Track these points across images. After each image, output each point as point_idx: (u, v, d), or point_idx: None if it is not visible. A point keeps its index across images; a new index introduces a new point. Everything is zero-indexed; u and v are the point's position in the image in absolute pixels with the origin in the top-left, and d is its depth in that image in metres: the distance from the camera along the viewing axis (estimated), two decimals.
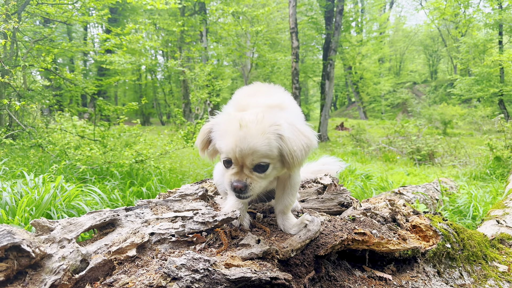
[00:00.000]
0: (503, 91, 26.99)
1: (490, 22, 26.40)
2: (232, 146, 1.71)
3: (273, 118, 1.76)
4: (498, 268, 2.79)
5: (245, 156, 1.71)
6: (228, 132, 1.74)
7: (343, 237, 2.06)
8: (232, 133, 1.71)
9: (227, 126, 1.76)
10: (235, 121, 1.73)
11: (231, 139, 1.71)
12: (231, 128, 1.73)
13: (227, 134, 1.74)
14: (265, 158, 1.74)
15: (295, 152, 1.74)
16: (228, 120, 1.79)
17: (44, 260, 1.52)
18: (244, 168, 1.78)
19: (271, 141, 1.71)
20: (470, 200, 6.00)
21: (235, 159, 1.75)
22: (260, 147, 1.69)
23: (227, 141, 1.73)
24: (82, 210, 3.88)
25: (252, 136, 1.68)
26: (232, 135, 1.71)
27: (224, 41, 28.05)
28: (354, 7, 39.64)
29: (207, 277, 1.44)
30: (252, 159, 1.72)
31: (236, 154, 1.71)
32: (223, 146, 1.76)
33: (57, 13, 8.20)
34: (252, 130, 1.69)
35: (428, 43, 52.66)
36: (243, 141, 1.68)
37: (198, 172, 8.30)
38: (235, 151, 1.71)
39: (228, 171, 1.82)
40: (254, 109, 1.84)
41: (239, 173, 1.78)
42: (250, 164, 1.75)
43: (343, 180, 7.73)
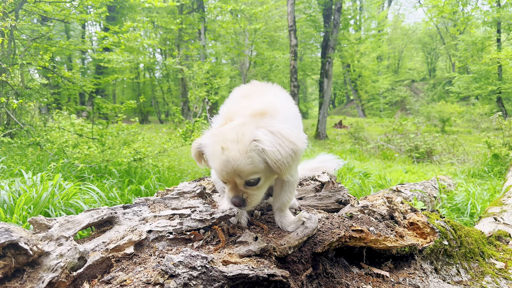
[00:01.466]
0: (501, 88, 27.03)
1: (488, 20, 26.40)
2: (218, 170, 1.74)
3: (252, 133, 1.73)
4: (495, 265, 2.80)
5: (233, 177, 1.75)
6: (214, 155, 1.76)
7: (341, 234, 2.07)
8: (217, 157, 1.74)
9: (212, 148, 1.78)
10: (218, 143, 1.74)
11: (217, 163, 1.73)
12: (215, 150, 1.75)
13: (214, 157, 1.77)
14: (253, 174, 1.76)
15: (281, 161, 1.73)
16: (213, 141, 1.79)
17: (41, 258, 1.52)
18: (236, 185, 1.81)
19: (254, 159, 1.71)
20: (468, 197, 6.02)
21: (226, 180, 1.80)
22: (244, 167, 1.70)
23: (214, 164, 1.77)
24: (80, 208, 3.87)
25: (235, 159, 1.69)
26: (217, 159, 1.73)
27: (223, 39, 27.98)
28: (353, 5, 39.65)
29: (205, 274, 1.44)
30: (240, 178, 1.75)
31: (224, 177, 1.76)
32: (215, 167, 1.78)
33: (55, 11, 8.17)
34: (234, 152, 1.69)
35: (426, 41, 52.66)
36: (227, 165, 1.70)
37: (197, 170, 8.30)
38: (222, 174, 1.75)
39: (226, 187, 1.87)
40: (238, 120, 1.84)
41: (235, 188, 1.82)
42: (239, 183, 1.78)
43: (342, 177, 7.74)
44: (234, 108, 1.98)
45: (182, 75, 20.39)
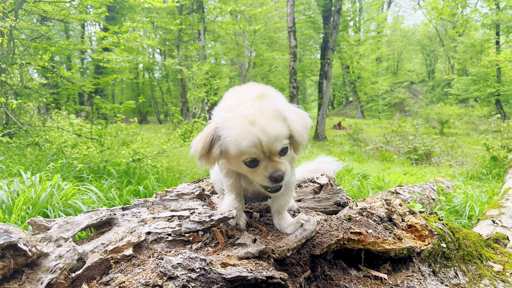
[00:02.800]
0: (500, 91, 27.09)
1: (488, 22, 26.45)
2: (255, 142, 1.71)
3: (270, 104, 1.81)
4: (493, 267, 2.80)
5: (271, 145, 1.73)
6: (241, 133, 1.73)
7: (339, 236, 2.07)
8: (246, 133, 1.72)
9: (238, 126, 1.75)
10: (241, 120, 1.74)
11: (248, 139, 1.71)
12: (242, 127, 1.73)
13: (241, 135, 1.73)
14: (285, 139, 1.80)
15: (300, 132, 1.83)
16: (235, 121, 1.78)
17: (40, 259, 1.53)
18: (271, 157, 1.79)
19: (282, 123, 1.78)
20: (466, 199, 6.03)
21: (262, 153, 1.75)
22: (277, 132, 1.75)
23: (246, 141, 1.72)
24: (79, 209, 3.87)
25: (268, 126, 1.72)
26: (248, 135, 1.71)
27: (222, 39, 27.99)
28: (352, 7, 39.71)
29: (203, 276, 1.44)
30: (277, 145, 1.76)
31: (264, 148, 1.73)
32: (244, 147, 1.73)
33: (54, 11, 8.17)
34: (264, 121, 1.73)
35: (425, 43, 52.77)
36: (263, 133, 1.71)
37: (196, 171, 8.30)
38: (260, 146, 1.72)
39: (257, 170, 1.82)
40: (243, 105, 1.85)
41: (271, 163, 1.80)
42: (276, 150, 1.77)
43: (340, 179, 7.75)
44: (231, 101, 1.99)
45: (181, 76, 20.40)
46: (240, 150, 1.75)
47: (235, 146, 1.75)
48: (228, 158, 1.86)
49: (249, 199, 2.58)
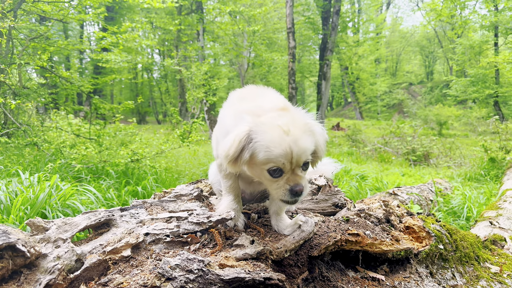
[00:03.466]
0: (498, 92, 27.14)
1: (486, 24, 26.50)
2: (287, 152, 1.73)
3: (301, 117, 1.88)
4: (490, 269, 2.81)
5: (299, 157, 1.76)
6: (275, 140, 1.73)
7: (337, 238, 2.08)
8: (279, 142, 1.72)
9: (272, 133, 1.75)
10: (275, 128, 1.75)
11: (283, 146, 1.72)
12: (275, 135, 1.74)
13: (274, 144, 1.73)
14: (310, 154, 1.84)
15: (323, 147, 1.92)
16: (266, 129, 1.77)
17: (39, 260, 1.53)
18: (295, 170, 1.82)
19: (310, 138, 1.82)
20: (464, 201, 6.04)
21: (289, 164, 1.77)
22: (308, 145, 1.79)
23: (278, 149, 1.73)
24: (77, 210, 3.87)
25: (300, 138, 1.75)
26: (282, 142, 1.72)
27: (221, 40, 27.97)
28: (351, 8, 39.78)
29: (201, 277, 1.45)
30: (303, 158, 1.79)
31: (293, 159, 1.75)
32: (274, 156, 1.74)
33: (53, 11, 8.17)
34: (297, 133, 1.75)
35: (424, 44, 52.84)
36: (296, 144, 1.73)
37: (194, 172, 8.30)
38: (290, 156, 1.74)
39: (279, 181, 1.82)
40: (271, 113, 1.86)
41: (293, 177, 1.82)
42: (302, 163, 1.81)
43: (339, 180, 7.76)
44: (253, 105, 1.98)
45: (180, 76, 20.40)
46: (269, 157, 1.75)
47: (266, 152, 1.75)
48: (252, 163, 1.84)
49: (246, 200, 2.59)
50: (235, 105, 2.11)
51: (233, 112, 2.04)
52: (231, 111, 2.09)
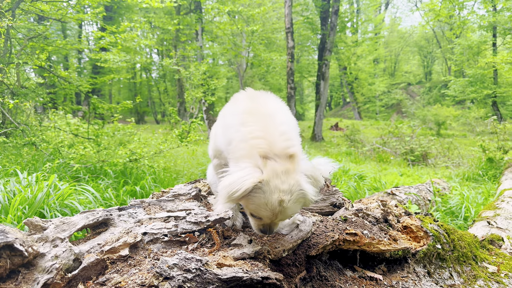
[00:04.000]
0: (497, 92, 27.20)
1: (484, 24, 26.56)
2: (270, 216, 1.80)
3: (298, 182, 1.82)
4: (487, 268, 2.82)
5: (280, 219, 1.87)
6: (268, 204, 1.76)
7: (335, 237, 2.08)
8: (270, 207, 1.76)
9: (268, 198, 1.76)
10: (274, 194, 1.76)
11: (270, 211, 1.77)
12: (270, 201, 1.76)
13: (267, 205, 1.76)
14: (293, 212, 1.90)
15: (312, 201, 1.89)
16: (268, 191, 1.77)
17: (37, 259, 1.53)
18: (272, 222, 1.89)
19: (299, 205, 1.85)
20: (462, 201, 6.05)
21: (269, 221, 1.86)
22: (293, 212, 1.84)
23: (265, 212, 1.78)
24: (75, 209, 3.87)
25: (289, 208, 1.79)
26: (270, 208, 1.76)
27: (220, 40, 27.98)
28: (350, 8, 39.80)
29: (199, 277, 1.45)
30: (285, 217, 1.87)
31: (267, 219, 1.84)
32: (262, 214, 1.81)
33: (52, 10, 8.16)
34: (288, 203, 1.77)
35: (423, 44, 52.91)
36: (282, 214, 1.79)
37: (192, 172, 8.31)
38: (274, 218, 1.81)
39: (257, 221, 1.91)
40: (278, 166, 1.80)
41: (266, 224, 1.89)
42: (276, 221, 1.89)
43: (337, 180, 7.77)
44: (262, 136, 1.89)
45: (179, 76, 20.39)
46: (257, 211, 1.81)
47: (257, 207, 1.79)
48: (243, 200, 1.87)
49: None
50: (241, 119, 2.00)
51: (242, 134, 1.95)
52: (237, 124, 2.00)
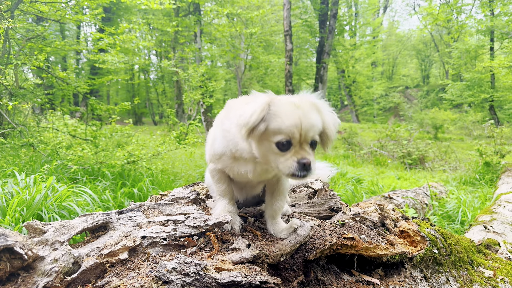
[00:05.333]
0: (494, 97, 27.31)
1: (482, 28, 26.67)
2: (296, 123, 1.77)
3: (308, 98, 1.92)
4: (484, 273, 2.84)
5: (307, 131, 1.80)
6: (287, 112, 1.80)
7: (332, 241, 2.10)
8: (291, 113, 1.79)
9: (284, 107, 1.82)
10: (287, 102, 1.83)
11: (294, 117, 1.78)
12: (288, 108, 1.81)
13: (286, 115, 1.79)
14: (317, 133, 1.88)
15: (331, 127, 1.93)
16: (280, 102, 1.85)
17: (36, 262, 1.54)
18: (302, 145, 1.83)
19: (318, 116, 1.87)
20: (459, 205, 6.08)
21: (298, 136, 1.79)
22: (315, 120, 1.84)
23: (289, 120, 1.78)
24: (73, 211, 3.87)
25: (310, 113, 1.81)
26: (292, 115, 1.78)
27: (218, 42, 27.99)
28: (348, 11, 39.89)
29: (198, 281, 1.46)
30: (311, 134, 1.82)
31: (302, 131, 1.78)
32: (285, 126, 1.78)
33: (51, 11, 8.15)
34: (306, 107, 1.82)
35: (420, 48, 53.04)
36: (305, 117, 1.78)
37: (190, 174, 8.31)
38: (299, 128, 1.77)
39: (286, 155, 1.82)
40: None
41: (300, 151, 1.82)
42: (309, 138, 1.83)
43: (334, 183, 7.78)
44: None
45: (177, 78, 20.36)
46: (280, 127, 1.78)
47: (278, 122, 1.79)
48: (263, 137, 1.85)
49: (240, 205, 2.60)
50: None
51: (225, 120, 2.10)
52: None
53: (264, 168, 2.02)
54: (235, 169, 2.08)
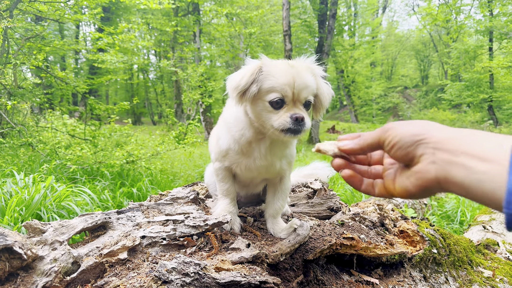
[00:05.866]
0: (493, 97, 27.35)
1: (481, 28, 26.72)
2: (289, 81, 1.79)
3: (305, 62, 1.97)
4: (483, 273, 2.84)
5: (300, 90, 1.82)
6: (280, 71, 1.83)
7: (332, 241, 2.09)
8: (284, 72, 1.82)
9: (278, 66, 1.86)
10: (282, 63, 1.87)
11: (287, 76, 1.80)
12: (281, 68, 1.84)
13: (279, 73, 1.82)
14: (311, 94, 1.89)
15: (324, 92, 1.97)
16: (275, 62, 1.90)
17: (35, 262, 1.53)
18: (296, 104, 1.85)
19: (312, 77, 1.89)
20: (458, 205, 6.08)
21: (291, 95, 1.81)
22: (309, 80, 1.86)
23: (282, 78, 1.80)
24: (72, 211, 3.87)
25: (303, 73, 1.84)
26: (286, 73, 1.81)
27: (218, 42, 27.99)
28: (347, 11, 39.92)
29: (197, 281, 1.46)
30: (305, 93, 1.84)
31: (295, 89, 1.80)
32: (278, 83, 1.80)
33: (49, 11, 8.15)
34: (300, 67, 1.86)
35: (419, 48, 53.11)
36: (299, 76, 1.81)
37: (189, 174, 8.30)
38: (292, 86, 1.80)
39: (279, 112, 1.83)
40: None
41: (293, 108, 1.84)
42: (303, 98, 1.85)
43: (334, 183, 7.78)
44: None
45: (176, 77, 20.38)
46: (274, 85, 1.81)
47: (271, 81, 1.82)
48: (257, 98, 1.87)
49: (242, 203, 2.60)
50: None
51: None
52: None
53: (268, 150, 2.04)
54: (243, 164, 2.09)
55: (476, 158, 0.80)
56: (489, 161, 0.78)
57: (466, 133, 0.88)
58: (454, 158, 0.85)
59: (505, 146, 0.77)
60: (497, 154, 0.77)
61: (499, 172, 0.75)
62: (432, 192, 0.96)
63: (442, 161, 0.88)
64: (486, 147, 0.80)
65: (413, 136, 0.96)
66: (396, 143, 1.00)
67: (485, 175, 0.77)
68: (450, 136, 0.90)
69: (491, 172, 0.77)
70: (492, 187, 0.76)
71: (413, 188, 0.98)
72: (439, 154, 0.89)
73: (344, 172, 1.25)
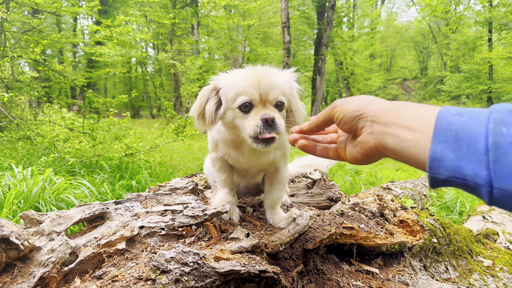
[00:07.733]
0: (492, 88, 27.31)
1: (480, 19, 26.60)
2: (254, 82, 1.73)
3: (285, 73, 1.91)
4: (482, 262, 2.84)
5: (268, 91, 1.74)
6: (242, 75, 1.78)
7: (331, 231, 2.09)
8: (247, 75, 1.77)
9: (239, 73, 1.81)
10: (245, 69, 1.81)
11: (251, 77, 1.74)
12: (243, 72, 1.79)
13: (241, 77, 1.77)
14: (283, 95, 1.81)
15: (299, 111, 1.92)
16: (234, 72, 1.85)
17: (33, 253, 1.52)
18: (266, 105, 1.77)
19: (285, 81, 1.84)
20: (458, 195, 6.09)
21: (258, 96, 1.74)
22: (278, 82, 1.78)
23: (245, 81, 1.74)
24: (71, 203, 3.86)
25: (270, 73, 1.79)
26: (249, 76, 1.76)
27: (216, 34, 27.86)
28: (346, 3, 39.71)
29: (196, 270, 1.45)
30: (274, 94, 1.76)
31: (261, 89, 1.73)
32: (242, 87, 1.74)
33: (46, 3, 8.08)
34: (267, 70, 1.81)
35: (419, 40, 52.91)
36: (264, 76, 1.75)
37: (188, 166, 8.29)
38: (258, 87, 1.73)
39: (249, 116, 1.76)
40: None
41: (263, 110, 1.75)
42: (272, 99, 1.77)
43: (333, 174, 7.78)
44: None
45: (174, 70, 20.32)
46: (238, 90, 1.75)
47: (234, 87, 1.76)
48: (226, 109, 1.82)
49: (241, 193, 2.59)
50: None
51: None
52: None
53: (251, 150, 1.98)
54: (232, 155, 2.07)
55: (405, 128, 0.94)
56: (415, 131, 0.91)
57: (399, 106, 1.01)
58: (387, 129, 0.98)
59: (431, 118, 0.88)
60: (423, 125, 0.89)
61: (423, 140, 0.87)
62: (376, 158, 1.10)
63: (378, 131, 1.01)
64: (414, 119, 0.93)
65: (354, 112, 1.09)
66: (342, 119, 1.14)
67: (411, 142, 0.91)
68: (384, 108, 1.03)
69: (416, 140, 0.89)
70: (417, 153, 0.89)
71: (359, 156, 1.13)
72: (375, 126, 1.02)
73: (299, 142, 1.36)
